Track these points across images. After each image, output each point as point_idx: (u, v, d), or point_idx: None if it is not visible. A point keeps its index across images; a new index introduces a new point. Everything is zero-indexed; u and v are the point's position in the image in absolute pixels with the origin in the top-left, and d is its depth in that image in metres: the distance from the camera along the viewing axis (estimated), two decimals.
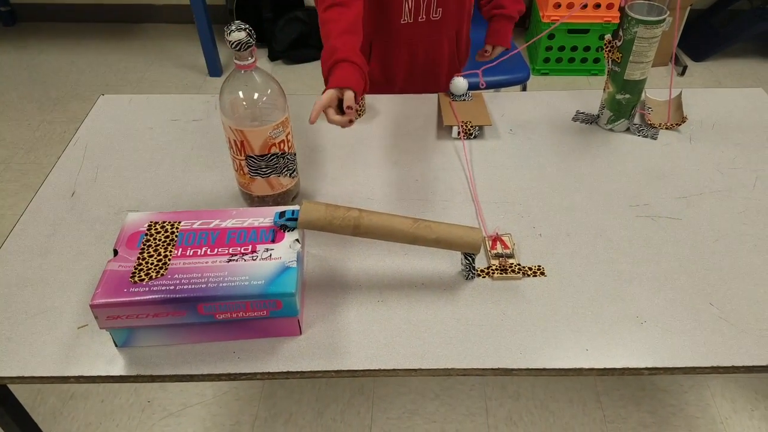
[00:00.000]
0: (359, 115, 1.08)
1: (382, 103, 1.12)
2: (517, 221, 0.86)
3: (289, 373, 0.68)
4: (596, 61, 2.52)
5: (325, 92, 0.83)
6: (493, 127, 1.06)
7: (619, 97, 0.99)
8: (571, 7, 2.39)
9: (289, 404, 1.36)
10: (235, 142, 0.79)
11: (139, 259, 0.69)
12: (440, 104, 1.10)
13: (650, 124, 1.05)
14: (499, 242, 0.82)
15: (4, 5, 2.87)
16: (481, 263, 0.80)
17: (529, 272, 0.78)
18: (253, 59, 0.74)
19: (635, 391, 1.39)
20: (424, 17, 1.14)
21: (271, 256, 0.69)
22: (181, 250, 0.70)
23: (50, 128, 2.26)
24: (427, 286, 0.77)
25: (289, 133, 0.81)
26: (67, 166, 0.98)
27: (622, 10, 0.94)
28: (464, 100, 1.10)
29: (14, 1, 2.91)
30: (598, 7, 2.41)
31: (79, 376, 0.67)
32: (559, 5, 2.40)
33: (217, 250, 0.70)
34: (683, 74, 2.54)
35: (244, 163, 0.81)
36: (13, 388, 0.79)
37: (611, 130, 1.04)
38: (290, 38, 2.60)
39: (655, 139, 1.03)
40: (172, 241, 0.71)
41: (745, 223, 0.86)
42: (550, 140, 1.03)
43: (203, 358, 0.69)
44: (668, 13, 0.91)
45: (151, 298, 0.64)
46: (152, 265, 0.68)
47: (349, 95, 0.82)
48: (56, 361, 0.69)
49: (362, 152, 1.00)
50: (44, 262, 0.81)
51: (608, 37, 0.97)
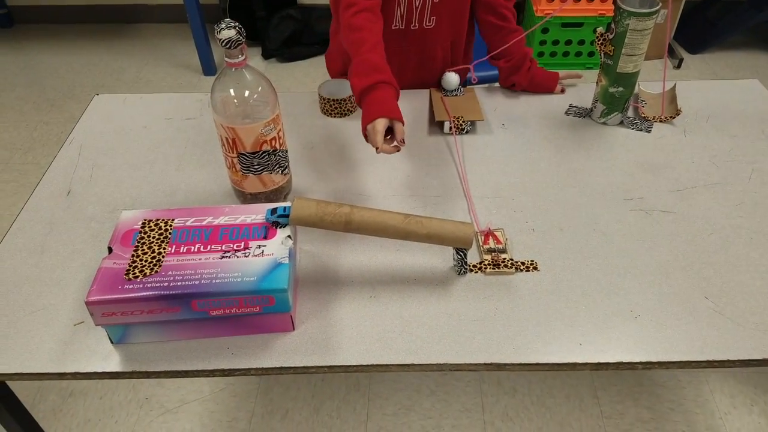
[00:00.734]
0: (351, 111, 1.08)
1: None
2: (509, 216, 0.87)
3: (282, 368, 0.68)
4: (591, 54, 2.51)
5: (379, 122, 0.84)
6: (485, 122, 1.06)
7: (612, 90, 0.99)
8: (564, 0, 2.38)
9: (285, 401, 1.36)
10: (226, 139, 0.79)
11: (133, 256, 0.69)
12: (432, 100, 1.10)
13: (644, 117, 1.05)
14: (491, 237, 0.82)
15: (1, 7, 2.87)
16: (473, 258, 0.80)
17: (521, 267, 0.78)
18: (243, 57, 0.74)
19: (633, 386, 1.40)
20: (416, 25, 1.11)
21: (263, 252, 0.69)
22: (174, 247, 0.70)
23: (47, 129, 2.27)
24: (419, 281, 0.77)
25: (280, 130, 0.81)
26: (62, 165, 0.98)
27: (615, 2, 0.94)
28: (456, 95, 1.10)
29: (11, 3, 2.91)
30: (591, 0, 2.40)
31: (75, 372, 0.68)
32: None
33: (210, 246, 0.70)
34: (679, 67, 2.54)
35: (236, 160, 0.81)
36: (13, 385, 0.79)
37: (604, 123, 1.04)
38: (283, 36, 2.59)
39: (648, 132, 1.03)
40: (165, 238, 0.71)
41: (740, 215, 0.86)
42: (542, 134, 1.03)
43: (197, 354, 0.69)
44: (660, 4, 0.91)
45: (145, 294, 0.65)
46: (146, 262, 0.68)
47: (399, 128, 0.86)
48: (53, 358, 0.69)
49: (354, 148, 1.00)
50: (40, 260, 0.81)
51: (600, 29, 0.97)
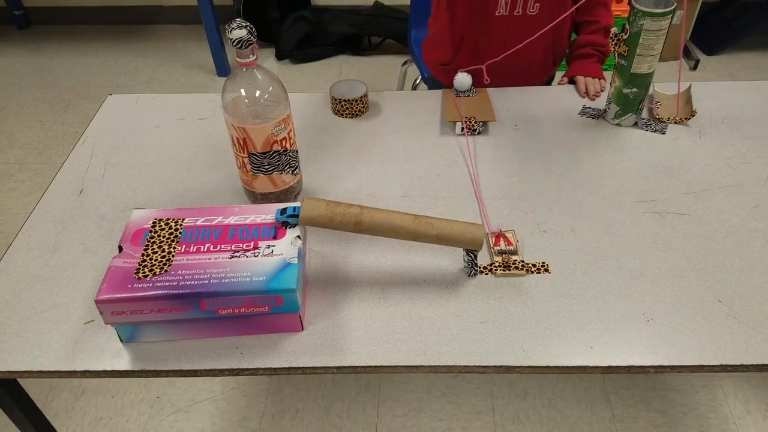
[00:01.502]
0: (363, 112, 1.08)
1: (385, 99, 1.12)
2: (521, 217, 0.86)
3: (291, 368, 0.68)
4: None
5: None
6: (497, 122, 1.05)
7: (626, 91, 0.98)
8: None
9: (295, 401, 1.36)
10: (237, 139, 0.79)
11: (143, 255, 0.69)
12: (444, 100, 1.10)
13: (658, 118, 1.04)
14: (502, 239, 0.81)
15: (17, 9, 2.91)
16: (484, 260, 0.79)
17: (532, 269, 0.78)
18: (254, 57, 0.75)
19: (645, 390, 1.38)
20: (520, 11, 1.10)
21: (272, 252, 0.69)
22: (184, 246, 0.70)
23: (62, 129, 2.29)
24: (429, 282, 0.77)
25: (291, 130, 0.82)
26: (75, 164, 0.99)
27: (630, 2, 0.93)
28: (469, 95, 1.09)
29: (28, 4, 2.95)
30: None
31: (85, 370, 0.68)
32: None
33: (219, 246, 0.70)
34: (695, 68, 2.51)
35: (246, 160, 0.81)
36: (27, 383, 0.80)
37: (618, 124, 1.03)
38: (297, 37, 2.60)
39: (663, 133, 1.01)
40: (175, 237, 0.71)
41: (756, 218, 0.85)
42: (555, 135, 1.02)
43: (206, 353, 0.69)
44: (675, 4, 0.90)
45: (154, 293, 0.65)
46: (156, 261, 0.68)
47: None
48: (63, 356, 0.69)
49: (365, 149, 1.00)
50: (52, 259, 0.82)
51: (614, 30, 0.96)
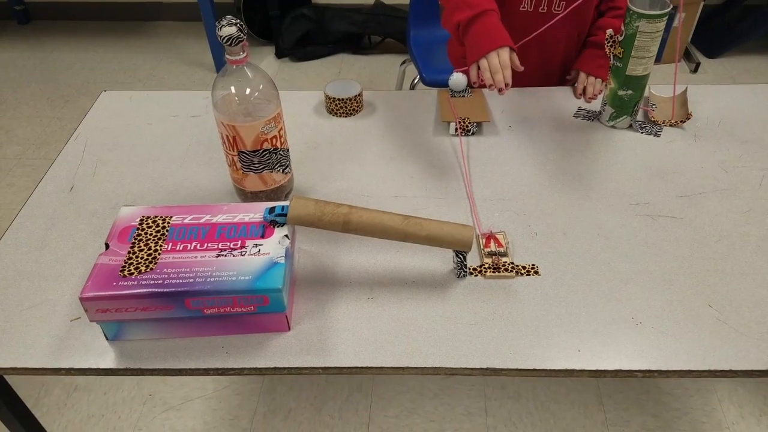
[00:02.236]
0: (357, 111, 1.08)
1: (379, 98, 1.12)
2: (512, 219, 0.85)
3: (276, 369, 0.67)
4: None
5: (504, 51, 0.95)
6: (492, 123, 1.05)
7: (621, 93, 0.98)
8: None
9: (288, 400, 1.36)
10: (227, 137, 0.79)
11: (129, 253, 0.69)
12: (439, 100, 1.09)
13: (654, 121, 1.03)
14: (492, 240, 0.81)
15: (18, 4, 2.91)
16: (474, 262, 0.79)
17: (522, 271, 0.77)
18: (245, 54, 0.74)
19: (639, 394, 1.37)
20: (545, 9, 1.09)
21: (259, 251, 0.69)
22: (171, 244, 0.70)
23: (60, 125, 2.29)
24: (418, 283, 0.76)
25: (281, 128, 0.81)
26: (67, 161, 0.98)
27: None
28: (463, 96, 1.09)
29: (28, 0, 2.95)
30: None
31: (69, 368, 0.68)
32: None
33: (206, 245, 0.70)
34: (696, 71, 2.50)
35: (236, 158, 0.81)
36: (19, 379, 0.79)
37: (613, 127, 1.03)
38: (297, 35, 2.60)
39: (658, 136, 1.01)
40: (162, 235, 0.71)
41: (749, 223, 0.84)
42: (550, 137, 1.01)
43: (192, 352, 0.69)
44: (671, 7, 0.89)
45: (139, 292, 0.65)
46: (142, 259, 0.68)
47: (515, 57, 0.96)
48: (48, 353, 0.69)
49: (358, 148, 1.00)
50: (41, 255, 0.81)
51: (610, 31, 0.95)
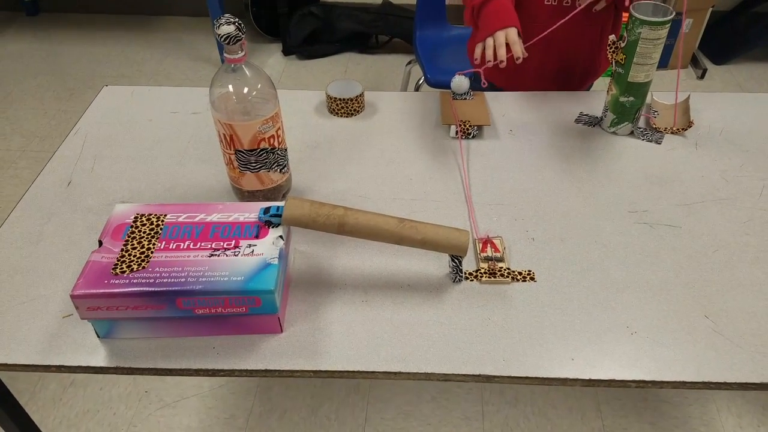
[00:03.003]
0: (358, 111, 1.07)
1: (381, 100, 1.11)
2: (510, 224, 0.85)
3: (267, 371, 0.67)
4: None
5: (511, 31, 0.94)
6: (493, 127, 1.04)
7: (622, 99, 0.97)
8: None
9: (284, 400, 1.35)
10: (224, 135, 0.78)
11: (122, 251, 0.69)
12: (441, 103, 1.09)
13: (655, 128, 1.02)
14: (489, 245, 0.80)
15: None
16: (470, 266, 0.79)
17: (518, 277, 0.77)
18: (243, 53, 0.74)
19: (637, 401, 1.37)
20: (569, 2, 1.09)
21: (253, 252, 0.68)
22: (164, 243, 0.70)
23: (65, 117, 2.30)
24: (413, 287, 0.76)
25: (279, 128, 0.81)
26: (65, 155, 0.98)
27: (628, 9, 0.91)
28: (465, 98, 1.08)
29: None
30: None
31: (60, 365, 0.68)
32: None
33: (200, 244, 0.70)
34: (703, 77, 2.48)
35: (233, 157, 0.80)
36: (15, 373, 0.79)
37: (614, 133, 1.02)
38: (304, 33, 2.60)
39: (659, 143, 1.00)
40: (156, 233, 0.71)
41: (748, 233, 0.84)
42: (550, 142, 1.01)
43: (183, 352, 0.69)
44: (674, 14, 0.88)
45: (130, 290, 0.64)
46: (134, 257, 0.68)
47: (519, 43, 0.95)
48: (39, 349, 0.69)
49: (358, 150, 0.99)
50: (35, 250, 0.81)
51: (612, 37, 0.95)
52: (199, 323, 0.69)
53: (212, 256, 0.68)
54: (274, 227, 0.72)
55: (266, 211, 0.72)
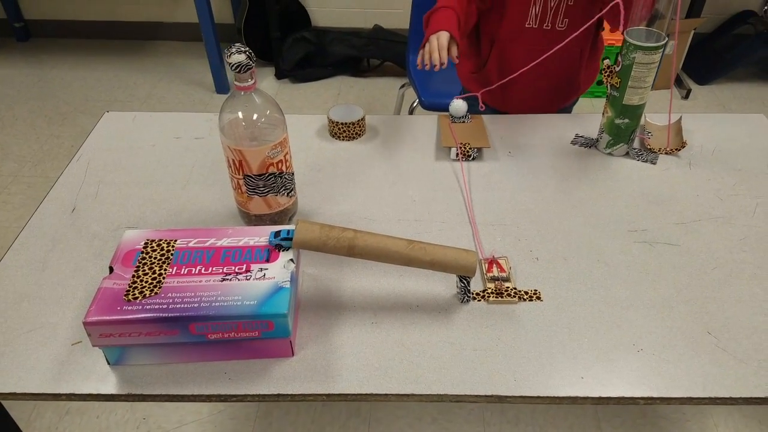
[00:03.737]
0: (359, 135, 1.09)
1: (381, 123, 1.13)
2: (513, 244, 0.86)
3: (279, 395, 0.67)
4: (599, 83, 2.53)
5: (443, 34, 1.00)
6: (491, 149, 1.06)
7: (618, 121, 1.00)
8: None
9: (284, 425, 1.34)
10: (233, 161, 0.79)
11: (133, 277, 0.69)
12: (440, 126, 1.11)
13: (649, 148, 1.05)
14: (495, 265, 0.81)
15: (18, 21, 2.93)
16: (476, 286, 0.80)
17: (525, 296, 0.78)
18: (253, 81, 0.75)
19: (636, 417, 1.37)
20: (549, 25, 1.13)
21: (264, 275, 0.69)
22: (176, 268, 0.70)
23: (58, 142, 2.29)
24: (422, 308, 0.77)
25: (287, 153, 0.82)
26: (69, 181, 0.99)
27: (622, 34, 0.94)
28: (464, 121, 1.11)
29: (28, 17, 2.97)
30: (600, 30, 2.42)
31: (70, 393, 0.67)
32: None
33: (211, 269, 0.70)
34: (687, 97, 2.55)
35: (242, 182, 0.81)
36: (10, 402, 0.78)
37: (610, 154, 1.04)
38: (297, 57, 2.63)
39: (654, 163, 1.03)
40: (167, 259, 0.71)
41: (744, 250, 0.86)
42: (548, 163, 1.03)
43: (194, 378, 0.69)
44: (667, 39, 0.92)
45: (143, 316, 0.64)
46: (146, 283, 0.68)
47: (454, 48, 1.02)
48: (48, 378, 0.68)
49: (361, 172, 1.01)
50: (42, 277, 0.81)
51: (607, 62, 0.98)
52: (210, 348, 0.69)
53: (224, 280, 0.68)
54: (284, 251, 0.72)
55: (277, 234, 0.73)
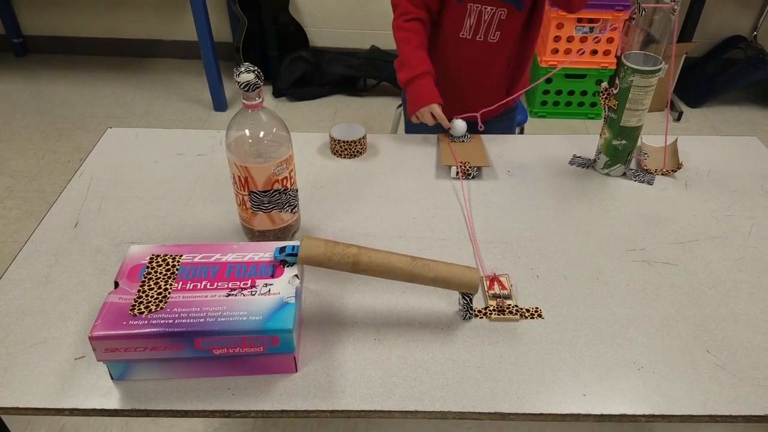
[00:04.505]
0: (361, 153, 1.10)
1: (382, 141, 1.15)
2: (514, 262, 0.87)
3: (283, 411, 0.67)
4: (593, 105, 2.57)
5: (435, 107, 1.13)
6: (491, 168, 1.08)
7: (615, 142, 1.02)
8: (568, 53, 2.45)
9: None
10: (239, 177, 0.80)
11: (139, 291, 0.69)
12: (440, 145, 1.13)
13: (646, 169, 1.07)
14: (496, 282, 0.82)
15: (16, 37, 2.95)
16: (478, 303, 0.80)
17: (526, 314, 0.79)
18: (260, 99, 0.77)
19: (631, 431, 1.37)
20: (482, 37, 1.18)
21: (269, 291, 0.69)
22: (181, 283, 0.70)
23: (55, 158, 2.29)
24: (424, 325, 0.77)
25: (292, 170, 0.83)
26: (71, 196, 0.99)
27: (618, 58, 0.97)
28: (463, 141, 1.12)
29: (26, 33, 2.98)
30: (595, 53, 2.47)
31: (73, 408, 0.67)
32: (556, 51, 2.46)
33: (217, 284, 0.70)
34: (679, 120, 2.59)
35: (247, 198, 0.82)
36: (5, 417, 0.78)
37: (608, 174, 1.06)
38: (295, 76, 2.65)
39: (651, 184, 1.04)
40: (173, 274, 0.72)
41: (741, 270, 0.87)
42: (547, 183, 1.04)
43: (198, 393, 0.69)
44: (663, 63, 0.94)
45: (149, 331, 0.65)
46: (152, 298, 0.68)
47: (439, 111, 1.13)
48: (51, 392, 0.68)
49: (362, 190, 1.02)
50: (44, 291, 0.81)
51: (605, 84, 1.00)
52: (215, 364, 0.69)
53: (230, 295, 0.69)
54: (289, 266, 0.73)
55: (282, 250, 0.74)
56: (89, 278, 0.83)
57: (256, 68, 0.74)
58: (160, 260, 0.74)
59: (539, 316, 0.79)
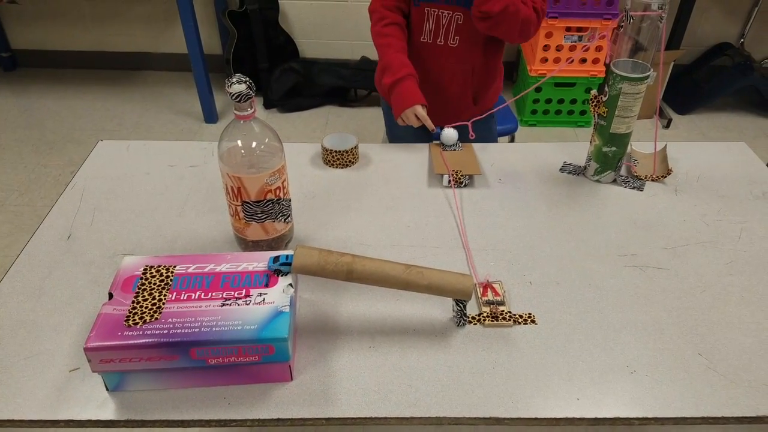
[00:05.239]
0: (353, 162, 1.11)
1: (374, 151, 1.15)
2: (507, 269, 0.88)
3: (279, 420, 0.67)
4: (582, 113, 2.60)
5: (418, 108, 1.16)
6: (482, 176, 1.09)
7: (605, 149, 1.03)
8: (558, 61, 2.48)
9: None
10: (232, 188, 0.81)
11: (133, 302, 0.69)
12: (431, 153, 1.14)
13: (636, 176, 1.08)
14: (489, 289, 0.83)
15: (5, 51, 2.94)
16: (472, 310, 0.81)
17: (519, 320, 0.79)
18: (252, 110, 0.77)
19: None
20: (442, 41, 1.21)
21: (264, 300, 0.70)
22: (175, 294, 0.71)
23: (45, 171, 2.28)
24: (418, 332, 0.78)
25: (285, 180, 0.83)
26: (64, 209, 0.99)
27: (607, 66, 0.98)
28: (455, 149, 1.13)
29: (15, 47, 2.98)
30: (584, 61, 2.50)
31: (69, 420, 0.67)
32: (545, 60, 2.49)
33: (211, 294, 0.71)
34: (668, 126, 2.62)
35: (240, 208, 0.82)
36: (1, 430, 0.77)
37: (598, 181, 1.07)
38: (285, 88, 2.67)
39: (641, 190, 1.06)
40: (166, 285, 0.72)
41: (731, 274, 0.88)
42: (538, 190, 1.06)
43: (194, 403, 0.68)
44: (651, 70, 0.96)
45: (144, 342, 0.65)
46: (146, 309, 0.68)
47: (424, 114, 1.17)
48: (46, 404, 0.68)
49: (355, 199, 1.02)
50: (38, 304, 0.81)
51: (594, 92, 1.01)
52: (210, 373, 0.69)
53: (224, 305, 0.69)
54: (283, 275, 0.73)
55: (276, 259, 0.74)
56: (83, 290, 0.83)
57: (247, 79, 0.75)
58: (153, 271, 0.74)
59: (532, 321, 0.79)
